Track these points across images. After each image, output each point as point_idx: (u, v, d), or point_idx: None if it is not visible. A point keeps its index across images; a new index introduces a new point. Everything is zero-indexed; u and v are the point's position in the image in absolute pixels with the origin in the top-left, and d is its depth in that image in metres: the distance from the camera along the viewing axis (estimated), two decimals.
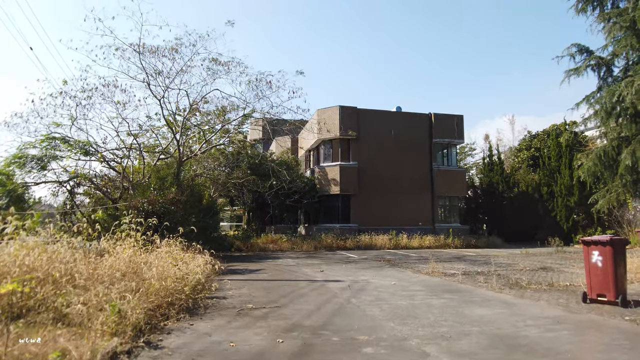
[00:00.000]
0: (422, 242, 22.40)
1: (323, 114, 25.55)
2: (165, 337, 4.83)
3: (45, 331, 4.01)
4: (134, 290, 5.50)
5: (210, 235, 16.93)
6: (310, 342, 4.64)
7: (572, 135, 26.97)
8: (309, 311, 6.36)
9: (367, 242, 22.03)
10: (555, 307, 6.68)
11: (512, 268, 12.28)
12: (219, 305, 6.84)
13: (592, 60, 10.98)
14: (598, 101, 10.10)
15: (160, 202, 13.19)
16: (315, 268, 12.65)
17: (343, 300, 7.31)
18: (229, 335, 4.92)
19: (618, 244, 6.75)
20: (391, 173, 25.92)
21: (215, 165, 23.39)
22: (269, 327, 5.36)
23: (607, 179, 11.38)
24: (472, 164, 42.73)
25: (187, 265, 7.98)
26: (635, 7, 9.62)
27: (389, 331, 5.12)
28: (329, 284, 9.22)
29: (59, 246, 6.19)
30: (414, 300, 7.25)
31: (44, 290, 4.77)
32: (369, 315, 6.08)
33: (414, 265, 13.33)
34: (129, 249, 7.33)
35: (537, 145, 33.00)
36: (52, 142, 15.81)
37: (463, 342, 4.67)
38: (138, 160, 19.12)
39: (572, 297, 7.52)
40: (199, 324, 5.51)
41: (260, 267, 12.91)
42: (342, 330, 5.19)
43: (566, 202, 25.34)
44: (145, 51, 16.96)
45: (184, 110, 19.06)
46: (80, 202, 18.93)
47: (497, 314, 6.16)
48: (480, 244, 23.48)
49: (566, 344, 4.57)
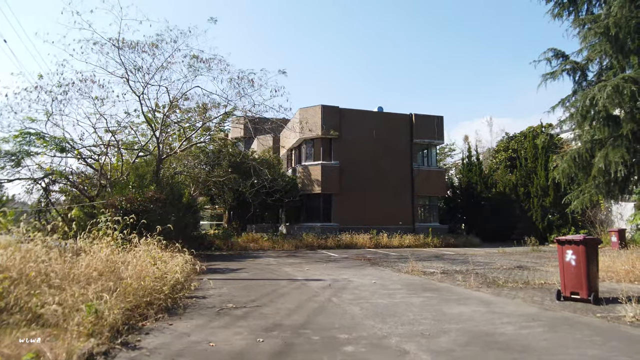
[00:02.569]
0: (402, 241, 22.62)
1: (305, 113, 25.53)
2: (143, 337, 4.76)
3: (18, 332, 3.90)
4: (112, 290, 5.39)
5: (190, 234, 16.75)
6: (291, 342, 4.64)
7: (547, 138, 27.67)
8: (289, 310, 6.36)
9: (348, 241, 22.13)
10: (530, 304, 6.84)
11: (490, 267, 12.52)
12: (199, 304, 6.78)
13: (568, 64, 11.27)
14: (573, 104, 10.37)
15: (139, 200, 12.96)
16: (296, 267, 12.65)
17: (324, 299, 7.33)
18: (209, 335, 4.88)
19: (591, 244, 6.95)
20: (372, 173, 26.09)
21: (195, 163, 23.14)
22: (249, 326, 5.34)
23: (581, 180, 11.70)
24: (452, 164, 43.39)
25: (166, 264, 7.87)
26: (608, 14, 9.91)
27: (369, 329, 5.16)
28: (310, 283, 9.23)
29: (33, 245, 6.04)
30: (393, 299, 7.32)
31: (18, 291, 4.64)
32: (350, 313, 6.11)
33: (394, 264, 13.46)
34: (107, 248, 7.19)
35: (514, 147, 33.70)
36: (26, 138, 15.39)
37: (442, 339, 4.74)
38: (116, 158, 18.75)
39: (547, 294, 7.71)
40: (178, 323, 5.45)
41: (241, 266, 12.83)
42: (323, 329, 5.21)
43: (542, 202, 25.94)
44: (125, 46, 16.66)
45: (163, 107, 18.79)
46: (56, 200, 18.47)
47: (475, 311, 6.28)
48: (459, 243, 23.85)
49: (541, 340, 4.69)
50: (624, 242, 18.15)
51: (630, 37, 9.82)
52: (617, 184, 10.90)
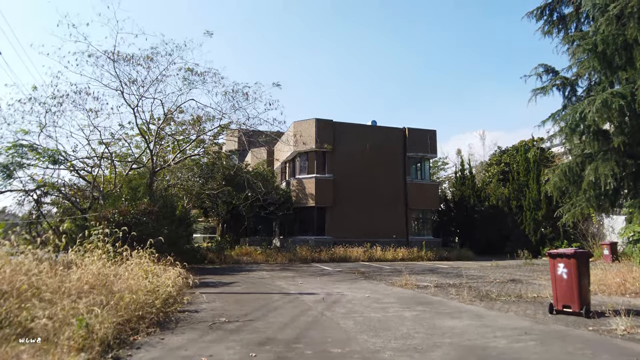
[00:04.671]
0: (396, 254, 22.59)
1: (299, 126, 25.66)
2: (134, 352, 4.71)
3: (7, 347, 3.86)
4: (103, 303, 5.34)
5: (183, 246, 16.63)
6: (284, 356, 4.61)
7: (539, 152, 27.97)
8: (282, 324, 6.33)
9: (342, 254, 22.07)
10: (523, 318, 6.86)
11: (483, 280, 12.53)
12: (191, 318, 6.72)
13: (558, 80, 11.49)
14: (563, 118, 10.52)
15: (132, 212, 12.91)
16: (290, 281, 12.59)
17: (317, 313, 7.30)
18: (201, 350, 4.85)
19: (582, 257, 7.01)
20: (366, 186, 26.17)
21: (189, 175, 23.10)
22: (241, 341, 5.30)
23: (572, 193, 11.81)
24: (445, 177, 43.62)
25: (158, 277, 7.82)
26: (596, 31, 10.13)
27: (362, 344, 5.14)
28: (303, 297, 9.19)
29: (24, 257, 5.99)
30: (387, 313, 7.31)
31: (8, 304, 4.60)
32: (343, 327, 6.09)
33: (387, 277, 13.43)
34: (98, 261, 7.14)
35: (506, 160, 34.01)
36: (19, 150, 15.30)
37: (435, 353, 4.74)
38: (109, 170, 18.68)
39: (540, 308, 7.74)
40: (170, 338, 5.40)
41: (234, 280, 12.75)
42: (316, 343, 5.19)
43: (534, 215, 26.10)
44: (120, 59, 16.74)
45: (158, 120, 18.81)
46: (47, 212, 18.31)
47: (468, 325, 6.28)
48: (452, 256, 23.86)
49: (533, 354, 4.71)
50: (615, 255, 18.28)
51: (618, 53, 10.03)
52: (608, 197, 11.02)
